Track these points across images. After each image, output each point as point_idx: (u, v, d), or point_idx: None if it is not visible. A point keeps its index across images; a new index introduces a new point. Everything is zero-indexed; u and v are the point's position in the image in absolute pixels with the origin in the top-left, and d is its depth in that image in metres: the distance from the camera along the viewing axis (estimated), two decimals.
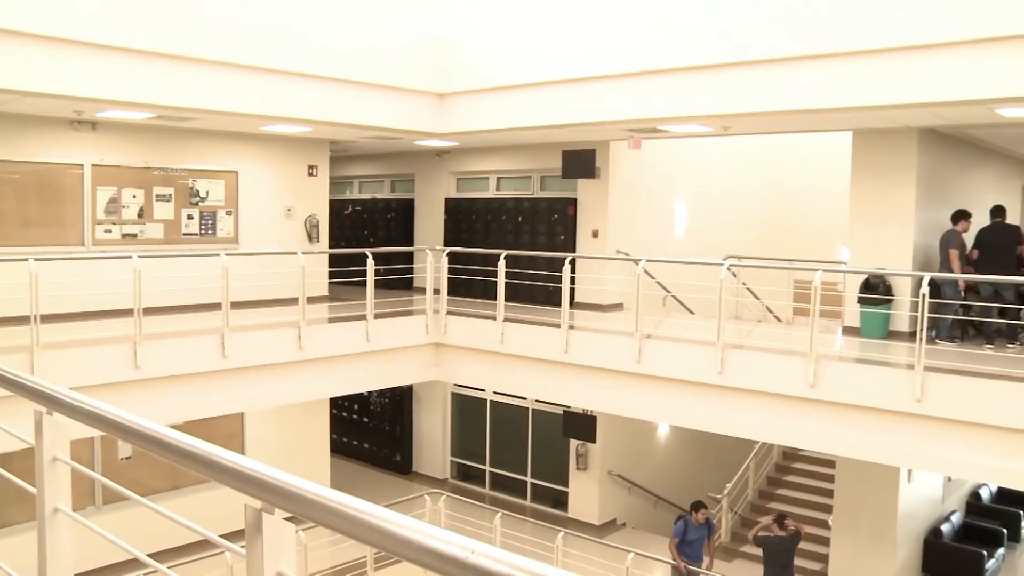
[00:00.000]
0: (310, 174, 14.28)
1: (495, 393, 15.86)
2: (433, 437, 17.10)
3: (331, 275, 13.76)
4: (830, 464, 13.40)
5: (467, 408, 16.75)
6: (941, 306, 10.00)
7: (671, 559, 11.03)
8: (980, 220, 10.93)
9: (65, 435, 2.80)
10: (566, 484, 15.00)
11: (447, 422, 17.01)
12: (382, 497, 13.08)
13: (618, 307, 13.10)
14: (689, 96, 10.06)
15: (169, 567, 2.66)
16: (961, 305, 10.37)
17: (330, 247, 14.90)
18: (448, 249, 12.70)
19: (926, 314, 8.16)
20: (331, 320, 11.64)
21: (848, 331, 10.87)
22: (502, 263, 11.49)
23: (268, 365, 10.32)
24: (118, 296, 9.27)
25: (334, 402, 16.44)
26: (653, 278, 11.86)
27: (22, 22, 8.37)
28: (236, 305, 9.98)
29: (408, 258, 14.55)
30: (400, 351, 11.91)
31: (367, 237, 17.48)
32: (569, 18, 11.26)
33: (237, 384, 10.04)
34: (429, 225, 16.46)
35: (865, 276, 10.56)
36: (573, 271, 11.13)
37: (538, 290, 12.58)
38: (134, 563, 2.89)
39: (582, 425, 13.79)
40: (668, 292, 12.77)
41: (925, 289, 8.20)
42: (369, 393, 17.36)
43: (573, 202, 14.19)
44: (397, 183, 17.97)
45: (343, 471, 16.16)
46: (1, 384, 2.85)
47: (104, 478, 3.17)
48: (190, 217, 12.73)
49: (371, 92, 11.67)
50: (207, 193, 12.89)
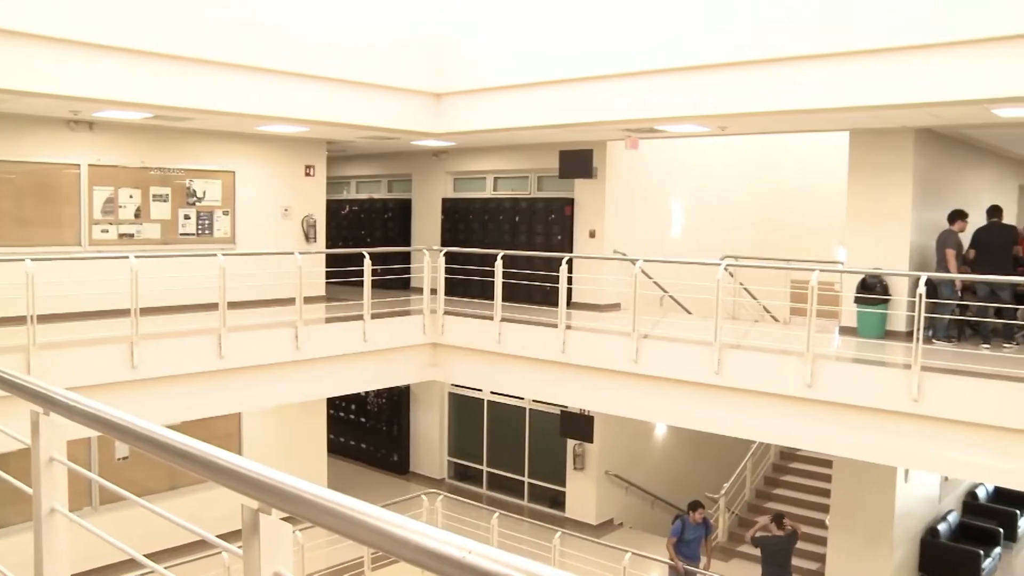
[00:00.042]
0: (307, 174, 14.27)
1: (492, 393, 15.86)
2: (430, 437, 17.10)
3: (328, 275, 13.77)
4: (827, 464, 13.40)
5: (464, 408, 16.75)
6: (938, 306, 10.01)
7: (668, 558, 11.04)
8: (976, 220, 10.95)
9: (62, 435, 2.79)
10: (563, 484, 15.00)
11: (444, 422, 17.01)
12: (379, 497, 13.09)
13: (615, 307, 13.11)
14: (686, 96, 10.07)
15: (166, 567, 2.65)
16: (958, 305, 10.39)
17: (327, 247, 14.88)
18: (445, 249, 12.70)
19: (923, 314, 8.18)
20: (328, 320, 11.64)
21: (845, 331, 10.88)
22: (499, 263, 11.48)
23: (265, 365, 10.32)
24: (115, 296, 9.24)
25: (331, 402, 16.42)
26: (650, 278, 11.86)
27: (19, 22, 8.35)
28: (233, 305, 9.97)
29: (405, 258, 14.54)
30: (397, 351, 11.90)
31: (364, 237, 17.46)
32: (566, 18, 11.26)
33: (234, 384, 10.03)
34: (426, 225, 16.46)
35: (862, 276, 10.56)
36: (570, 271, 11.14)
37: (535, 290, 12.58)
38: (131, 563, 2.88)
39: (579, 425, 13.80)
40: (665, 292, 12.77)
41: (922, 289, 8.20)
42: (366, 393, 17.36)
43: (570, 202, 14.19)
44: (394, 183, 17.96)
45: (340, 471, 16.15)
46: None
47: (101, 478, 3.17)
48: (187, 217, 12.72)
49: (368, 92, 11.66)
50: (204, 193, 12.87)
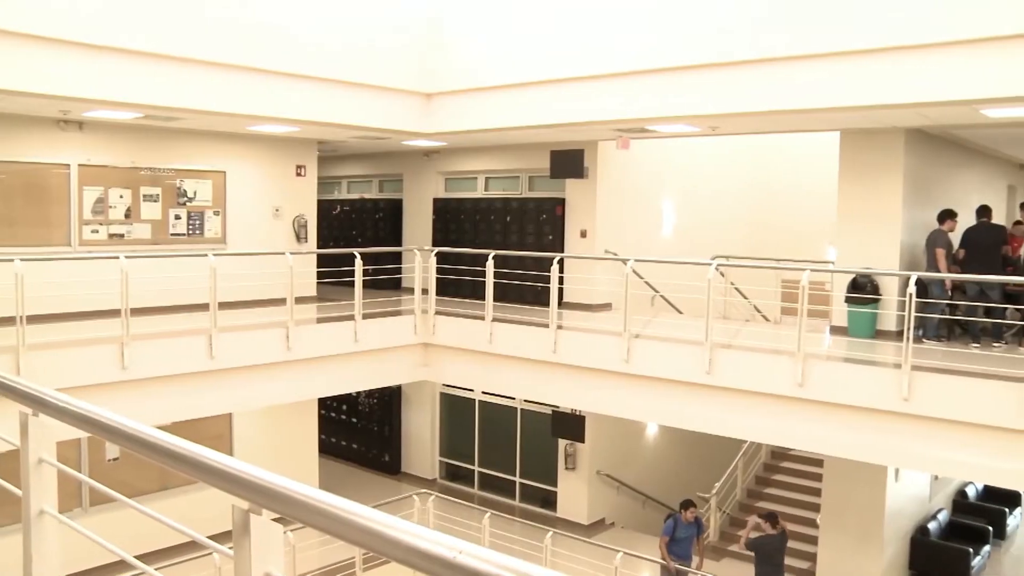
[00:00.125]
0: (298, 174, 14.24)
1: (484, 393, 15.86)
2: (422, 437, 17.08)
3: (319, 275, 13.73)
4: (818, 463, 13.44)
5: (456, 408, 16.74)
6: (928, 305, 10.05)
7: (660, 558, 11.06)
8: (966, 220, 11.00)
9: (51, 436, 2.78)
10: (555, 484, 15.00)
11: (436, 422, 16.99)
12: (371, 497, 13.07)
13: (606, 307, 13.12)
14: (677, 96, 10.08)
15: (157, 569, 2.65)
16: (947, 305, 10.43)
17: (318, 247, 14.86)
18: (436, 249, 12.69)
19: (913, 313, 8.21)
20: (319, 320, 11.62)
21: (836, 330, 10.91)
22: (490, 263, 11.47)
23: (256, 366, 10.29)
24: (105, 296, 9.22)
25: (322, 402, 16.41)
26: (641, 278, 11.87)
27: (8, 21, 8.31)
28: (224, 305, 9.95)
29: (396, 258, 14.53)
30: (388, 351, 11.89)
31: (355, 237, 17.45)
32: (557, 18, 11.26)
33: (225, 385, 10.00)
34: (417, 225, 16.44)
35: (852, 276, 10.60)
36: (561, 271, 11.14)
37: (527, 290, 12.58)
38: (122, 565, 2.87)
39: (571, 425, 13.81)
40: (656, 292, 12.79)
41: (912, 288, 8.24)
42: (357, 393, 17.34)
43: (561, 202, 14.19)
44: (385, 183, 17.94)
45: (332, 472, 16.13)
46: None
47: (91, 480, 3.16)
48: (177, 217, 12.68)
49: (359, 92, 11.65)
50: (195, 193, 12.84)
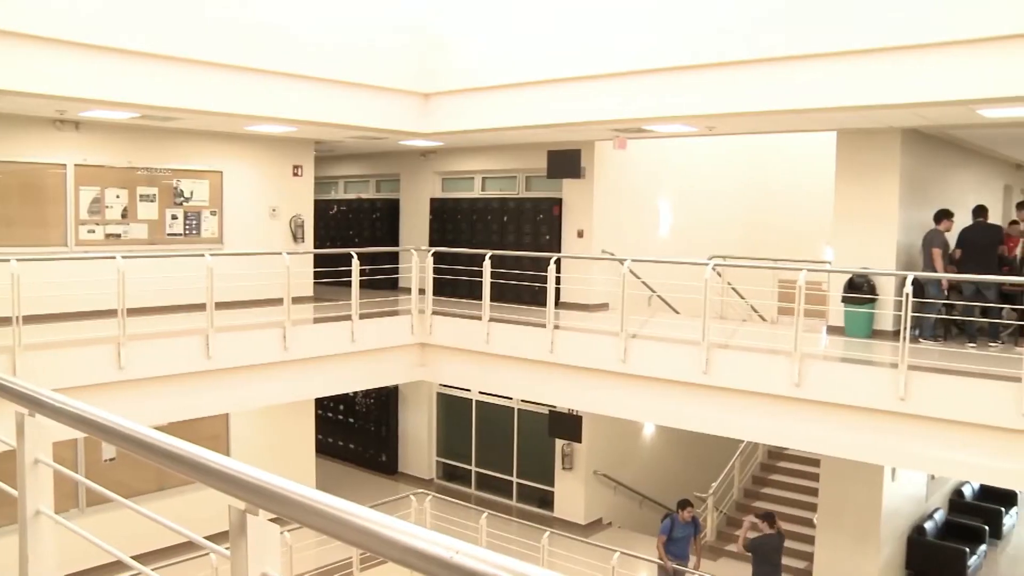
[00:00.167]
0: (295, 174, 14.23)
1: (481, 393, 15.86)
2: (419, 437, 17.08)
3: (316, 275, 13.73)
4: (815, 463, 13.45)
5: (453, 408, 16.74)
6: (924, 305, 10.07)
7: (657, 558, 11.06)
8: (962, 220, 11.02)
9: (47, 437, 2.78)
10: (552, 484, 15.01)
11: (433, 422, 16.99)
12: (368, 498, 13.06)
13: (603, 307, 13.12)
14: (674, 96, 10.08)
15: (153, 569, 2.64)
16: (944, 304, 10.45)
17: (315, 247, 14.85)
18: (433, 249, 12.69)
19: (910, 313, 8.22)
20: (316, 320, 11.61)
21: (832, 330, 10.91)
22: (487, 263, 11.47)
23: (253, 366, 10.27)
24: (102, 297, 9.20)
25: (319, 403, 16.39)
26: (638, 278, 11.87)
27: (5, 20, 8.29)
28: (221, 305, 9.93)
29: (393, 258, 14.51)
30: (385, 351, 11.88)
31: (352, 237, 17.43)
32: (554, 18, 11.26)
33: (222, 385, 9.99)
34: (414, 225, 16.44)
35: (849, 275, 10.61)
36: (558, 271, 11.14)
37: (523, 290, 12.58)
38: (118, 565, 2.87)
39: (568, 425, 13.80)
40: (653, 292, 12.80)
41: (909, 288, 8.24)
42: (354, 393, 17.33)
43: (558, 202, 14.20)
44: (382, 183, 17.93)
45: (329, 472, 16.12)
46: None
47: (87, 480, 3.15)
48: (174, 217, 12.66)
49: (356, 92, 11.64)
50: (191, 193, 12.82)
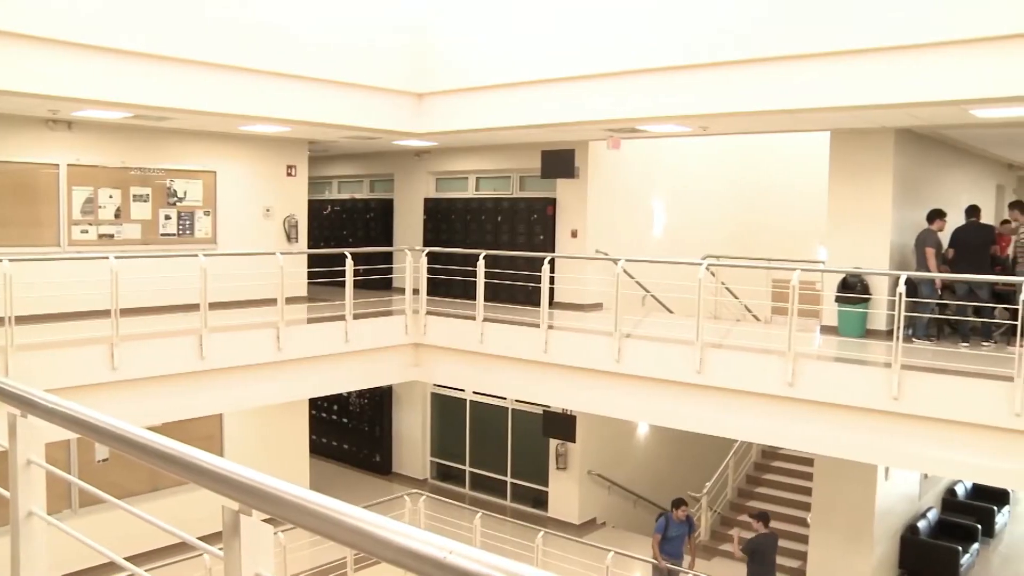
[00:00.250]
0: (289, 174, 14.21)
1: (475, 393, 15.85)
2: (413, 437, 17.07)
3: (310, 275, 13.71)
4: (808, 462, 13.48)
5: (447, 408, 16.73)
6: (918, 305, 10.09)
7: (652, 557, 11.08)
8: (955, 219, 11.05)
9: (40, 437, 2.77)
10: (546, 484, 15.01)
11: (427, 422, 16.98)
12: (362, 498, 13.05)
13: (597, 307, 13.12)
14: (668, 96, 10.09)
15: (147, 570, 2.64)
16: (937, 304, 10.47)
17: (309, 247, 14.82)
18: (427, 249, 12.68)
19: (903, 313, 8.24)
20: (310, 320, 11.60)
21: (826, 330, 10.94)
22: (481, 263, 11.47)
23: (247, 366, 10.26)
24: (95, 297, 9.17)
25: (313, 403, 16.37)
26: (632, 278, 11.87)
27: None
28: (214, 306, 9.91)
29: (387, 258, 14.51)
30: (379, 351, 11.87)
31: (346, 237, 17.42)
32: (548, 18, 11.26)
33: (215, 385, 9.97)
34: (408, 225, 16.43)
35: (843, 275, 10.63)
36: (552, 271, 11.14)
37: (518, 290, 12.59)
38: (111, 567, 2.87)
39: (562, 425, 13.81)
40: (647, 292, 12.80)
41: (902, 288, 8.27)
42: (348, 394, 17.30)
43: (552, 202, 14.20)
44: (376, 183, 17.92)
45: (323, 472, 16.10)
46: None
47: (80, 481, 3.15)
48: (168, 217, 12.64)
49: (350, 92, 11.63)
50: (185, 193, 12.79)
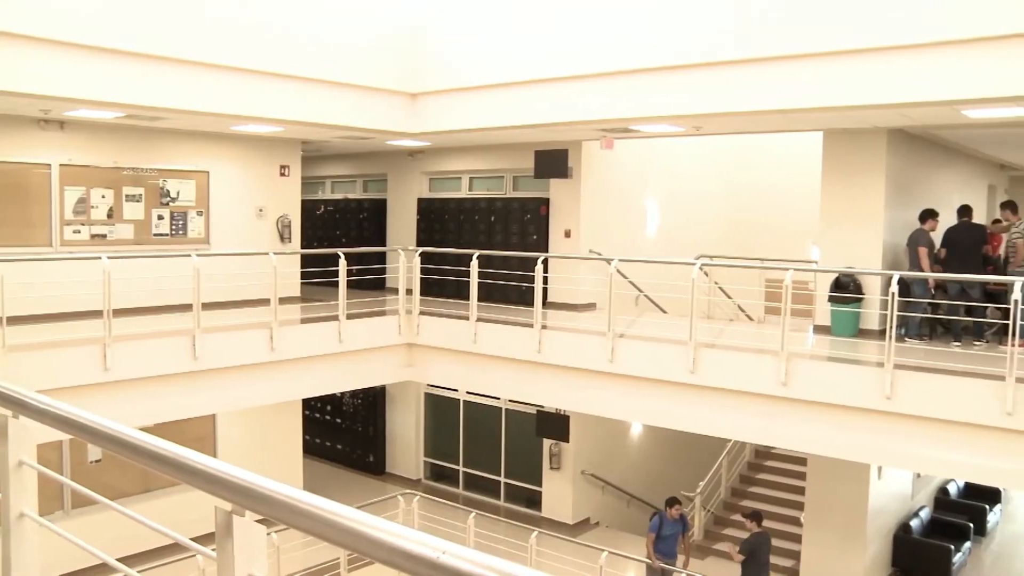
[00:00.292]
0: (282, 174, 14.19)
1: (468, 393, 15.85)
2: (406, 438, 17.05)
3: (303, 275, 13.69)
4: (802, 462, 13.50)
5: (440, 408, 16.72)
6: (910, 304, 10.12)
7: (646, 556, 11.08)
8: (947, 219, 11.08)
9: (31, 438, 2.76)
10: (539, 484, 15.01)
11: (420, 422, 16.97)
12: (355, 498, 13.04)
13: (591, 307, 13.13)
14: (661, 96, 10.10)
15: (139, 571, 2.63)
16: (929, 303, 10.50)
17: (302, 247, 14.82)
18: (421, 249, 12.67)
19: (895, 312, 8.26)
20: (303, 321, 11.57)
21: (819, 329, 10.96)
22: (475, 263, 11.47)
23: (240, 366, 10.23)
24: (87, 297, 9.15)
25: (306, 403, 16.35)
26: (626, 277, 11.89)
27: None
28: (207, 306, 9.88)
29: (380, 258, 14.49)
30: (373, 352, 11.85)
31: (339, 237, 17.40)
32: (541, 18, 11.27)
33: (208, 386, 9.94)
34: (402, 225, 16.42)
35: (836, 275, 10.66)
36: (546, 271, 11.14)
37: (511, 290, 12.58)
38: (103, 568, 2.86)
39: (555, 425, 13.81)
40: (640, 292, 12.82)
41: (894, 288, 8.29)
42: (342, 394, 17.29)
43: (546, 202, 14.20)
44: (369, 183, 17.90)
45: (316, 472, 16.08)
46: None
47: (72, 482, 3.14)
48: (160, 217, 12.61)
49: (343, 92, 11.62)
50: (178, 193, 12.76)
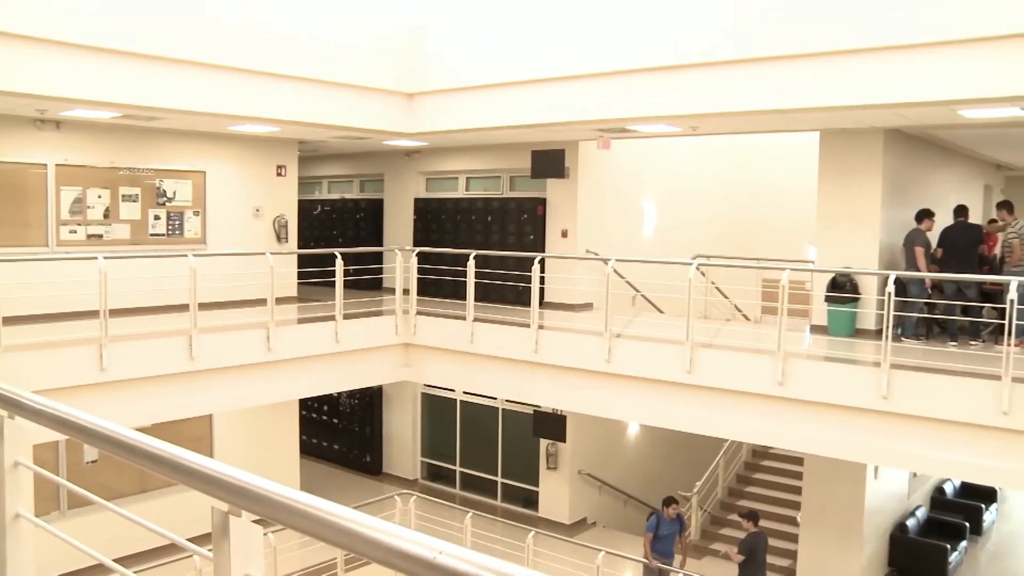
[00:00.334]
0: (279, 174, 14.18)
1: (465, 393, 15.85)
2: (403, 438, 17.05)
3: (300, 276, 13.68)
4: (799, 461, 13.52)
5: (437, 408, 16.72)
6: (906, 304, 10.13)
7: (644, 556, 11.08)
8: (943, 219, 11.09)
9: (27, 439, 2.76)
10: (536, 484, 15.01)
11: (417, 423, 16.97)
12: (352, 498, 13.04)
13: (588, 307, 13.13)
14: (658, 96, 10.10)
15: (135, 572, 2.63)
16: (925, 303, 10.52)
17: (299, 247, 14.79)
18: (417, 249, 12.66)
19: (892, 312, 8.27)
20: (300, 321, 11.56)
21: (816, 329, 10.97)
22: (471, 263, 11.46)
23: (236, 367, 10.22)
24: (83, 298, 9.13)
25: (303, 403, 16.33)
26: (622, 277, 11.89)
27: None
28: (204, 306, 9.87)
29: (377, 258, 14.48)
30: (370, 352, 11.84)
31: (336, 237, 17.39)
32: (538, 18, 11.27)
33: (205, 386, 9.93)
34: (398, 225, 16.41)
35: (832, 275, 10.67)
36: (543, 271, 11.14)
37: (508, 290, 12.58)
38: (100, 569, 2.85)
39: (552, 424, 13.81)
40: (637, 291, 12.82)
41: (891, 287, 8.30)
42: (338, 394, 17.28)
43: (542, 202, 14.20)
44: (366, 183, 17.89)
45: (313, 473, 16.07)
46: None
47: (69, 482, 3.13)
48: (157, 217, 12.59)
49: (340, 92, 11.60)
50: (174, 193, 12.75)
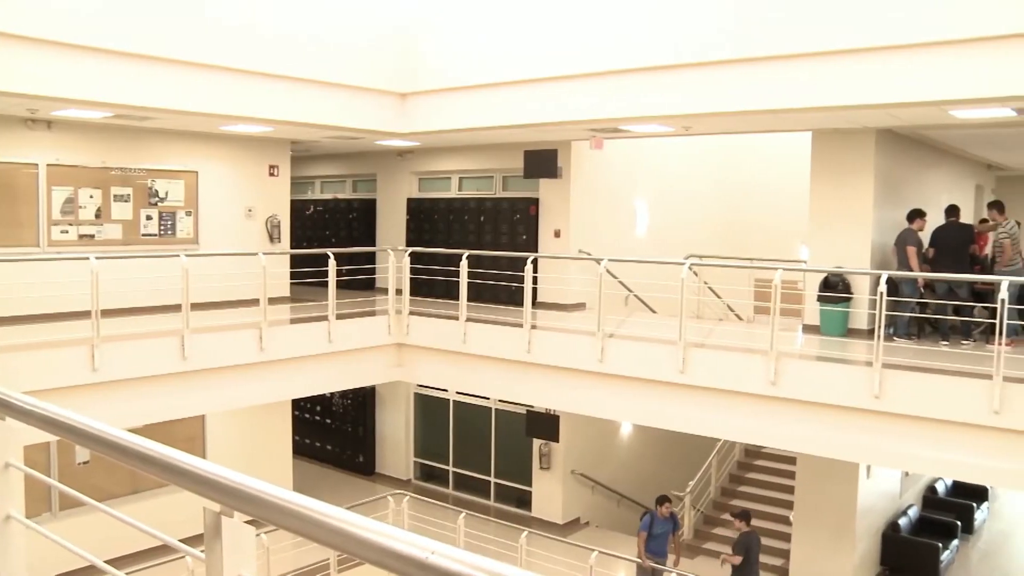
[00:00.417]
0: (271, 174, 14.15)
1: (458, 393, 15.84)
2: (396, 438, 17.04)
3: (293, 276, 13.65)
4: (791, 461, 13.55)
5: (430, 408, 16.71)
6: (898, 304, 10.16)
7: (637, 555, 11.10)
8: (935, 219, 11.13)
9: (18, 440, 2.75)
10: (529, 484, 15.02)
11: (410, 423, 16.95)
12: (345, 499, 13.02)
13: (580, 307, 13.14)
14: (650, 96, 10.11)
15: (128, 573, 2.62)
16: (917, 303, 10.55)
17: (291, 247, 14.78)
18: (410, 249, 12.65)
19: (884, 312, 8.29)
20: (293, 321, 11.54)
21: (808, 329, 10.99)
22: (464, 263, 11.45)
23: (229, 367, 10.19)
24: (75, 298, 9.09)
25: (296, 404, 16.31)
26: (615, 277, 11.91)
27: None
28: (196, 306, 9.85)
29: (370, 258, 14.47)
30: (362, 352, 11.83)
31: (329, 237, 17.37)
32: (531, 18, 11.27)
33: (197, 386, 9.90)
34: (391, 225, 16.39)
35: (824, 275, 10.69)
36: (535, 271, 11.14)
37: (501, 290, 12.58)
38: (92, 570, 2.85)
39: (545, 424, 13.82)
40: (630, 291, 12.83)
41: (883, 287, 8.32)
42: (331, 394, 17.26)
43: (535, 202, 14.21)
44: (359, 183, 17.88)
45: (306, 473, 16.05)
46: None
47: (60, 484, 3.12)
48: (149, 218, 12.55)
49: (333, 92, 11.59)
50: (166, 193, 12.72)
